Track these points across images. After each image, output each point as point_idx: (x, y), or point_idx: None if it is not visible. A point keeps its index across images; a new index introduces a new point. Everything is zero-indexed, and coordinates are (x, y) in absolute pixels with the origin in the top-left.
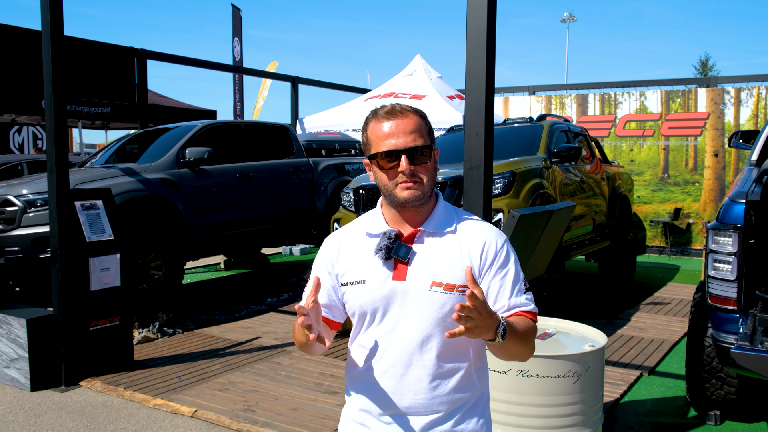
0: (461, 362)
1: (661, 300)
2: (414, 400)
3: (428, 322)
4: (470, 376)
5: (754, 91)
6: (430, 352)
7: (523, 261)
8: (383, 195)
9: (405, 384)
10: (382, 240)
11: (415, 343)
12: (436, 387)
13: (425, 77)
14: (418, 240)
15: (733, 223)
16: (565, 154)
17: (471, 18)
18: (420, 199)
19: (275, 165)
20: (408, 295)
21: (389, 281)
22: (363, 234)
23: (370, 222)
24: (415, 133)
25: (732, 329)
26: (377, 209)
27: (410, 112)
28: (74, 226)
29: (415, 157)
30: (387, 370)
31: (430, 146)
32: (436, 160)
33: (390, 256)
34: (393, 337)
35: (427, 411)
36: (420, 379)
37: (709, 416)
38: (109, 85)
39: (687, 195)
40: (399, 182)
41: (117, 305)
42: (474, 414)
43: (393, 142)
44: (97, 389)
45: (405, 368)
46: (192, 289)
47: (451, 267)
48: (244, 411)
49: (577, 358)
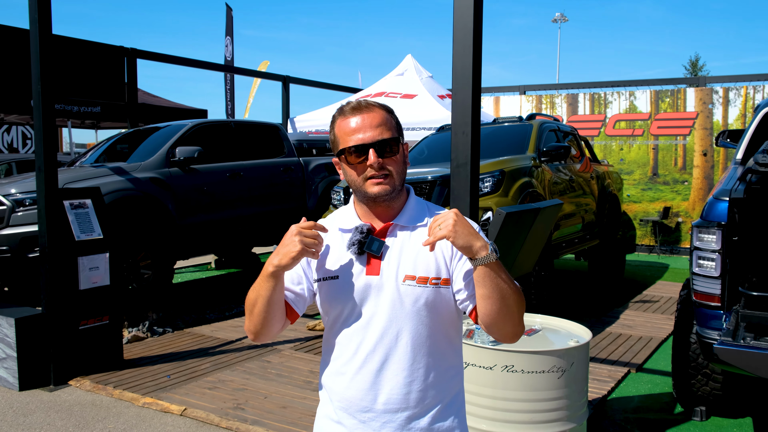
0: (437, 357)
1: (649, 298)
2: (390, 395)
3: (402, 315)
4: (446, 372)
5: (742, 91)
6: (406, 346)
7: (510, 259)
8: (354, 192)
9: (381, 379)
10: (355, 234)
11: (390, 338)
12: (411, 382)
13: (416, 77)
14: (391, 234)
15: (717, 220)
16: (554, 153)
17: (458, 19)
18: (390, 193)
19: (266, 164)
20: (382, 290)
21: (363, 276)
22: (336, 229)
23: (342, 217)
24: (381, 126)
25: (716, 325)
26: (350, 205)
27: (376, 107)
28: (63, 225)
29: (384, 150)
30: (362, 365)
31: (398, 139)
32: (406, 154)
33: (363, 251)
34: (367, 332)
35: (403, 407)
36: (396, 373)
37: (695, 412)
38: (98, 84)
39: (676, 194)
40: (368, 177)
41: (106, 304)
42: (450, 411)
43: (360, 136)
44: (86, 388)
45: (381, 363)
46: (182, 288)
47: (423, 260)
48: (233, 409)
49: (561, 353)
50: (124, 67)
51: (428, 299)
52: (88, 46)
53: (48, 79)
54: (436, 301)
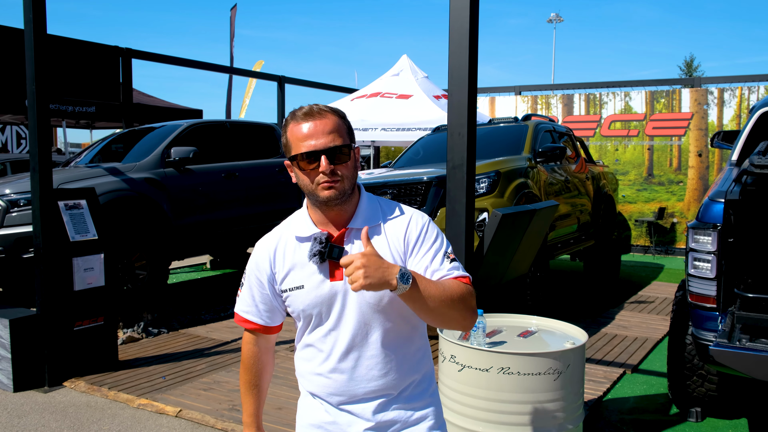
0: (406, 344)
1: (645, 299)
2: (368, 386)
3: (369, 314)
4: (415, 355)
5: (737, 92)
6: (376, 342)
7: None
8: (306, 195)
9: (357, 375)
10: (314, 246)
11: (361, 336)
12: (386, 374)
13: (412, 77)
14: (348, 239)
15: (713, 222)
16: (550, 153)
17: (453, 20)
18: (340, 197)
19: (261, 164)
20: (348, 293)
21: (327, 283)
22: (292, 238)
23: (297, 224)
24: (333, 133)
25: (711, 327)
26: (303, 210)
27: (328, 113)
28: (58, 225)
29: (335, 157)
30: (338, 364)
31: (349, 145)
32: (357, 159)
33: (324, 260)
34: (339, 334)
35: (381, 393)
36: (370, 368)
37: (691, 413)
38: (93, 84)
39: (671, 194)
40: (320, 182)
41: (101, 305)
42: (424, 387)
43: (312, 143)
44: (80, 389)
45: (355, 361)
46: (177, 288)
47: None
48: (228, 410)
49: (557, 355)
50: (119, 67)
51: (391, 297)
52: (82, 45)
53: (42, 79)
54: (397, 297)
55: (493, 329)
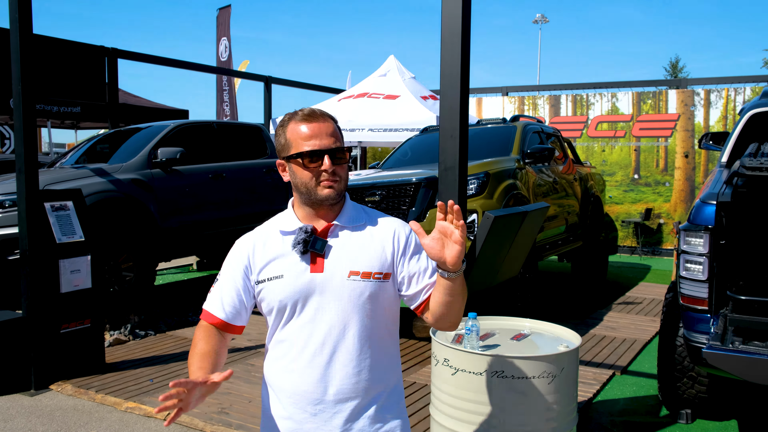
0: (381, 347)
1: (632, 300)
2: (341, 385)
3: (348, 309)
4: (389, 361)
5: (723, 93)
6: (353, 337)
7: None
8: (300, 193)
9: (331, 371)
10: (299, 234)
11: (338, 330)
12: (360, 372)
13: (399, 77)
14: (332, 234)
15: (704, 224)
16: (538, 155)
17: (446, 22)
18: (337, 197)
19: (248, 165)
20: (327, 286)
21: (307, 273)
22: (276, 232)
23: (282, 221)
24: (333, 136)
25: (703, 329)
26: (289, 210)
27: (328, 117)
28: (44, 227)
29: (336, 158)
30: (312, 359)
31: (348, 149)
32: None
33: (307, 250)
34: (315, 327)
35: (353, 396)
36: (345, 364)
37: (681, 415)
38: (79, 84)
39: (658, 195)
40: (321, 181)
41: (88, 307)
42: (393, 400)
43: (317, 142)
44: (67, 393)
45: (330, 356)
46: (164, 290)
47: (366, 256)
48: (217, 413)
49: (552, 359)
50: (105, 66)
51: (372, 293)
52: (68, 45)
53: (29, 79)
54: (379, 294)
55: (486, 332)
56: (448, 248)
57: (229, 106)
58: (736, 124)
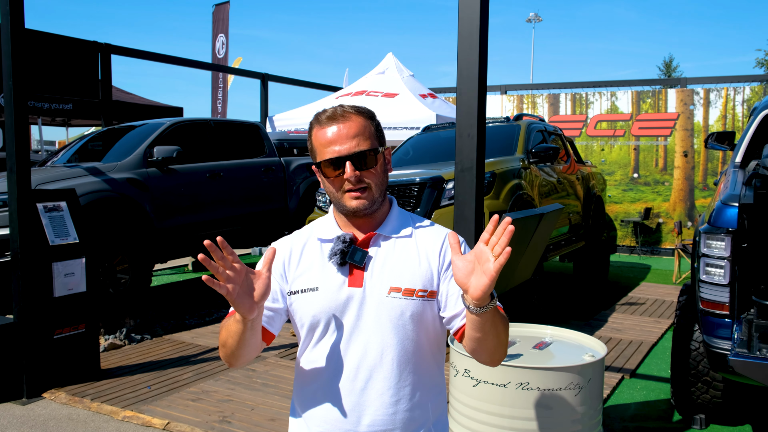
0: (423, 374)
1: (635, 300)
2: (375, 416)
3: (387, 330)
4: (432, 390)
5: (723, 92)
6: (391, 362)
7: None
8: (333, 203)
9: (365, 399)
10: (337, 244)
11: (375, 353)
12: (398, 401)
13: (397, 75)
14: (374, 244)
15: (726, 226)
16: (543, 154)
17: (463, 20)
18: (369, 207)
19: (246, 164)
20: (365, 302)
21: (345, 288)
22: (315, 239)
23: (322, 227)
24: (359, 136)
25: (724, 334)
26: (330, 215)
27: (353, 114)
28: (36, 228)
29: (361, 163)
30: (346, 384)
31: (376, 149)
32: (388, 161)
33: (345, 261)
34: (349, 348)
35: (389, 428)
36: (381, 393)
37: (695, 420)
38: (71, 80)
39: (657, 195)
40: (346, 190)
41: (82, 312)
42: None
43: (336, 148)
44: (61, 401)
45: (365, 381)
46: (159, 292)
47: (409, 271)
48: (219, 422)
49: (579, 369)
50: (98, 62)
51: (414, 312)
52: (60, 40)
53: (20, 74)
54: (422, 314)
55: None
56: (476, 277)
57: (221, 104)
58: (749, 124)
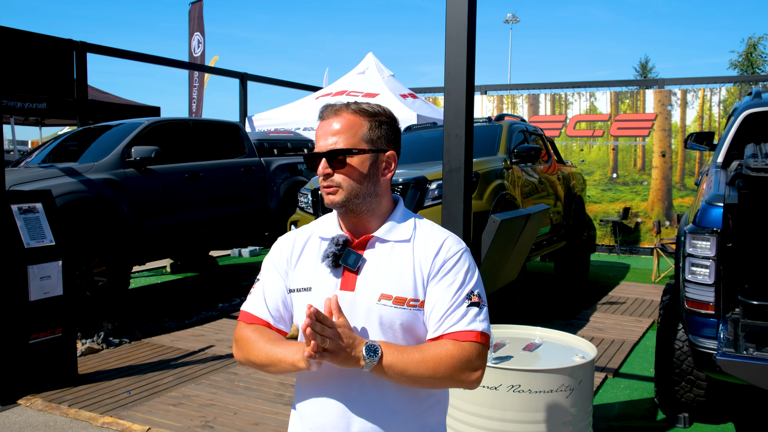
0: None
1: (616, 299)
2: (363, 426)
3: (377, 337)
4: (425, 401)
5: (699, 93)
6: None
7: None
8: None
9: (354, 408)
10: (330, 246)
11: None
12: (391, 412)
13: (378, 75)
14: (370, 246)
15: (711, 226)
16: (525, 154)
17: (450, 19)
18: (340, 206)
19: (226, 164)
20: (355, 307)
21: (337, 291)
22: (316, 237)
23: (324, 225)
24: (340, 135)
25: (709, 334)
26: (334, 213)
27: (345, 111)
28: (11, 231)
29: (332, 162)
30: (334, 391)
31: (350, 150)
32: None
33: (338, 264)
34: None
35: None
36: (369, 401)
37: (679, 419)
38: (45, 79)
39: (635, 194)
40: (323, 185)
41: (59, 316)
42: None
43: (319, 144)
44: (37, 408)
45: (356, 389)
46: (138, 294)
47: (402, 279)
48: (201, 427)
49: (570, 371)
50: (73, 61)
51: (404, 322)
52: (34, 38)
53: None
54: (413, 324)
55: (496, 342)
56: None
57: (195, 103)
58: (731, 124)
